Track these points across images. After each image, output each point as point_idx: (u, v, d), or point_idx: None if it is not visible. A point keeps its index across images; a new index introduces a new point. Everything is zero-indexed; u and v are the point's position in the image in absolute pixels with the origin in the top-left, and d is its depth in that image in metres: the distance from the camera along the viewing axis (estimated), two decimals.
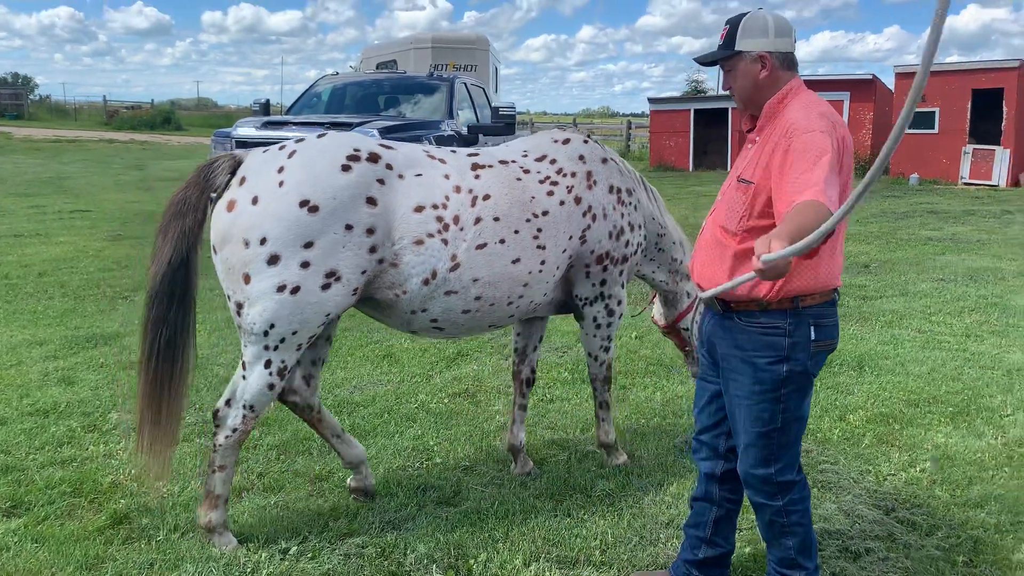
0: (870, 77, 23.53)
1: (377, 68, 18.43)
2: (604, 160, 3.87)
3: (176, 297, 3.26)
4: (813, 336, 2.67)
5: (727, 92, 2.89)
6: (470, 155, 3.63)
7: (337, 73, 11.95)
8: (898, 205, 16.22)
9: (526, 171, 3.65)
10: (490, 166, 3.57)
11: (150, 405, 3.27)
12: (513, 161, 3.68)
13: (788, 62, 2.76)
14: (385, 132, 8.09)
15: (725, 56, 2.78)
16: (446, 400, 5.12)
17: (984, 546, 3.44)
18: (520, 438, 4.13)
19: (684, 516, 3.64)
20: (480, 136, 9.92)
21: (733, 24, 2.78)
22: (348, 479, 3.84)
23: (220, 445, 3.30)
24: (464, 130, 9.87)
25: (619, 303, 3.98)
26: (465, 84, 11.02)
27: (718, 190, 3.01)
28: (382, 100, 10.77)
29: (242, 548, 3.33)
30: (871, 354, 6.07)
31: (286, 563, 3.26)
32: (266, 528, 3.49)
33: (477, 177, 3.48)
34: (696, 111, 27.07)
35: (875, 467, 4.21)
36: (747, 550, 3.42)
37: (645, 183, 4.19)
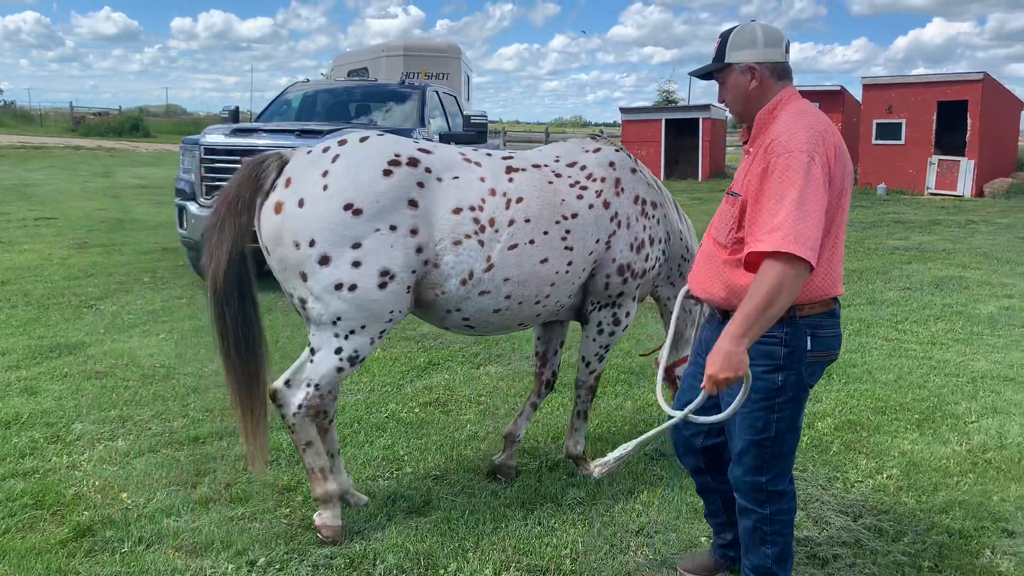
0: (838, 88, 23.90)
1: (348, 76, 18.39)
2: (633, 170, 3.93)
3: (243, 289, 3.34)
4: (810, 346, 2.67)
5: (722, 104, 2.93)
6: (504, 158, 3.74)
7: (308, 80, 11.91)
8: (866, 215, 16.45)
9: (557, 175, 3.74)
10: (523, 169, 3.67)
11: (245, 397, 3.39)
12: (545, 165, 3.77)
13: (779, 72, 2.76)
14: None
15: (717, 68, 2.81)
16: (417, 409, 5.09)
17: (949, 551, 3.48)
18: (521, 431, 4.16)
19: (655, 524, 3.67)
20: (452, 145, 9.88)
21: (724, 37, 2.81)
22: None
23: (293, 424, 3.40)
24: (436, 138, 9.86)
25: (627, 315, 4.01)
26: (437, 92, 11.00)
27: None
28: (353, 108, 10.72)
29: (207, 560, 3.29)
30: (839, 362, 6.13)
31: (253, 575, 3.22)
32: (233, 540, 3.44)
33: (511, 180, 3.58)
34: (667, 121, 27.29)
35: (843, 474, 4.24)
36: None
37: (677, 206, 4.19)
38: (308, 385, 3.36)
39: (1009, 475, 4.26)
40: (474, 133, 10.11)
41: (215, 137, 8.36)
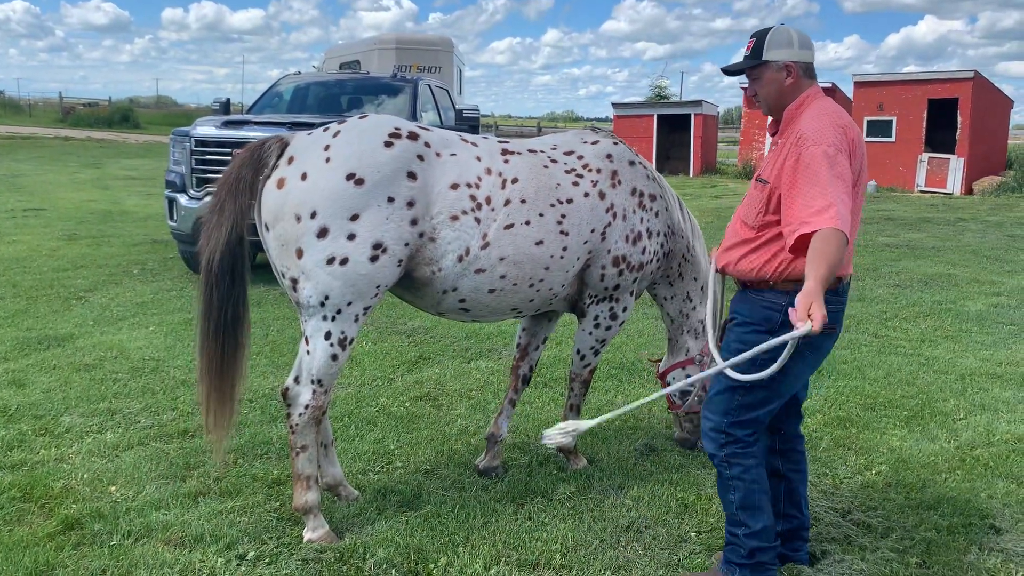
0: (830, 85, 23.93)
1: (340, 68, 18.31)
2: (632, 163, 3.93)
3: (236, 274, 3.33)
4: None
5: (753, 97, 3.13)
6: (500, 142, 3.80)
7: (300, 73, 11.83)
8: None
9: (553, 161, 3.78)
10: (519, 153, 3.72)
11: (217, 383, 3.35)
12: (541, 151, 3.81)
13: (809, 71, 3.02)
14: None
15: (753, 65, 3.02)
16: (407, 404, 5.09)
17: (937, 547, 3.50)
18: (503, 431, 4.15)
19: (644, 519, 3.67)
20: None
21: (760, 36, 3.02)
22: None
23: (296, 424, 3.39)
24: None
25: (624, 310, 4.01)
26: (429, 86, 10.97)
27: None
28: (345, 101, 10.67)
29: (196, 553, 3.28)
30: (829, 358, 6.13)
31: (243, 568, 3.21)
32: (223, 533, 3.43)
33: (506, 161, 3.63)
34: (659, 116, 27.31)
35: (832, 470, 4.26)
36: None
37: (682, 205, 4.20)
38: (313, 382, 3.37)
39: (997, 472, 4.28)
40: (466, 127, 10.10)
41: (206, 129, 8.32)
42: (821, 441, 4.62)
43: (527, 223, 3.56)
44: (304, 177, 3.25)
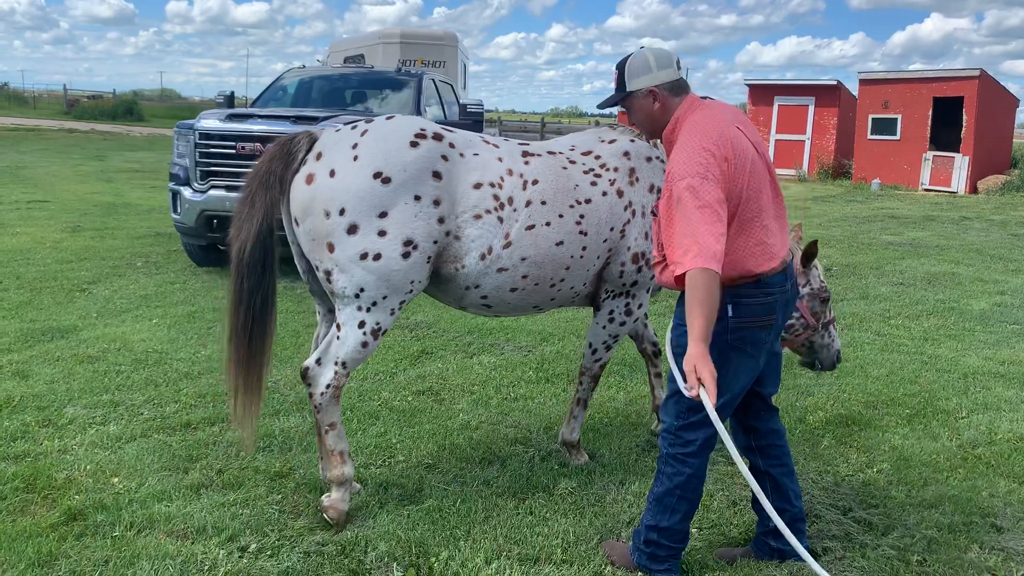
0: (835, 83, 23.86)
1: (345, 62, 18.32)
2: (649, 159, 3.94)
3: (266, 265, 3.44)
4: (731, 313, 2.90)
5: (632, 128, 3.23)
6: (520, 144, 3.87)
7: (304, 66, 11.83)
8: (860, 210, 16.48)
9: (572, 162, 3.82)
10: (538, 155, 3.78)
11: (245, 373, 3.44)
12: (560, 152, 3.86)
13: (676, 88, 3.04)
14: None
15: (621, 98, 3.12)
16: (410, 398, 5.10)
17: (938, 545, 3.50)
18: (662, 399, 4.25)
19: None
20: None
21: (620, 68, 3.10)
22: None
23: (319, 404, 3.50)
24: None
25: (639, 306, 4.04)
26: (433, 80, 10.96)
27: None
28: (349, 95, 10.67)
29: (199, 545, 3.29)
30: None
31: (244, 560, 3.22)
32: (225, 525, 3.44)
33: (527, 163, 3.70)
34: None
35: (833, 468, 4.26)
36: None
37: None
38: (336, 363, 3.46)
39: (998, 471, 4.28)
40: (470, 122, 10.09)
41: (210, 122, 8.32)
42: (823, 439, 4.62)
43: (547, 224, 3.62)
44: (332, 174, 3.34)
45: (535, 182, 3.64)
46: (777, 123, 24.62)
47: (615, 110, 28.94)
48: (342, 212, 3.30)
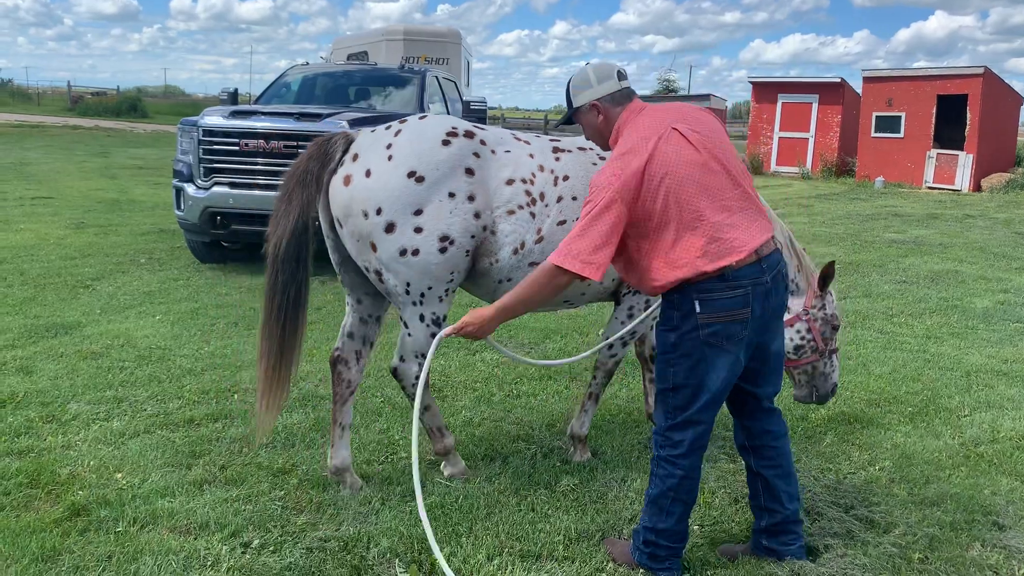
0: (839, 80, 23.82)
1: (348, 59, 18.31)
2: None
3: (301, 260, 3.54)
4: (699, 309, 2.93)
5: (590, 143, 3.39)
6: (551, 140, 3.96)
7: (307, 63, 11.82)
8: (863, 207, 16.45)
9: (602, 158, 3.87)
10: (569, 151, 3.86)
11: (275, 364, 3.54)
12: (591, 149, 3.91)
13: (617, 98, 3.15)
14: (355, 124, 8.03)
15: (570, 115, 3.25)
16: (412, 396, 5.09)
17: (939, 543, 3.50)
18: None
19: None
20: None
21: (567, 86, 3.23)
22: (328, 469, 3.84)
23: (411, 394, 3.75)
24: None
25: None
26: (437, 77, 10.96)
27: None
28: (352, 92, 10.67)
29: (202, 541, 3.30)
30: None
31: (247, 556, 3.23)
32: (227, 521, 3.45)
33: (558, 159, 3.78)
34: None
35: (835, 466, 4.26)
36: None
37: None
38: (418, 356, 3.67)
39: (1001, 469, 4.28)
40: (474, 119, 10.10)
41: (213, 119, 8.32)
42: (825, 437, 4.62)
43: (578, 220, 3.62)
44: (368, 175, 3.47)
45: (566, 178, 3.72)
46: (781, 120, 24.58)
47: None
48: (379, 212, 3.43)
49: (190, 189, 8.34)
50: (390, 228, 3.44)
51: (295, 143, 8.02)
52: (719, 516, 3.71)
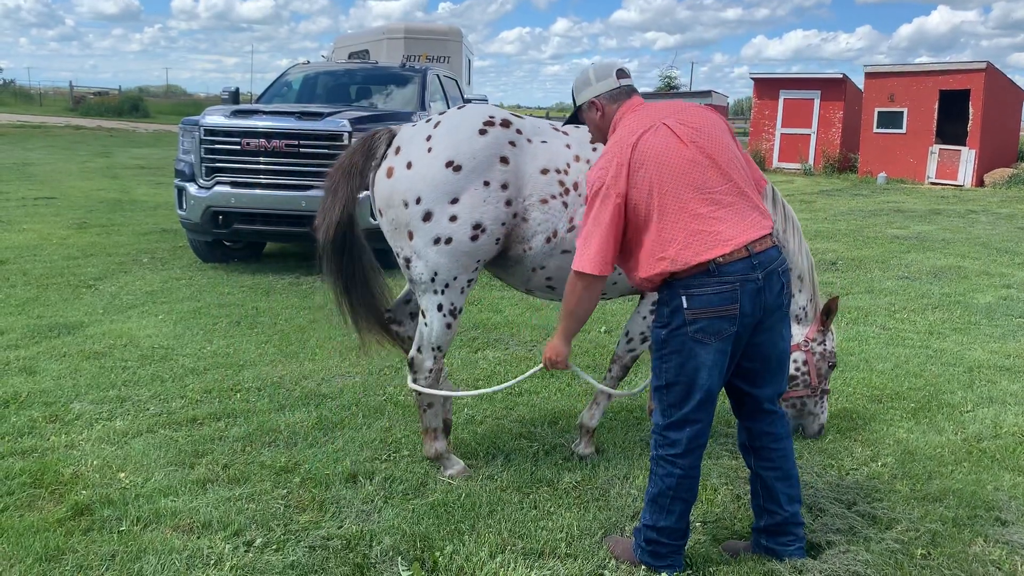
0: (840, 76, 23.78)
1: (349, 58, 18.30)
2: None
3: (347, 245, 3.82)
4: (686, 305, 2.94)
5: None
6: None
7: (309, 62, 11.81)
8: (866, 203, 16.43)
9: None
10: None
11: (365, 321, 4.02)
12: None
13: (615, 95, 3.23)
14: (357, 123, 8.03)
15: (576, 111, 3.36)
16: (414, 393, 5.09)
17: (942, 539, 3.50)
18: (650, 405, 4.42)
19: None
20: None
21: (573, 86, 3.34)
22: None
23: (424, 388, 3.87)
24: None
25: None
26: (438, 76, 10.95)
27: None
28: (354, 90, 10.66)
29: (205, 540, 3.30)
30: (836, 350, 6.14)
31: (250, 555, 3.23)
32: (230, 520, 3.46)
33: (595, 149, 3.83)
34: None
35: (838, 462, 4.26)
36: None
37: (775, 193, 4.21)
38: (433, 349, 3.82)
39: (1003, 464, 4.28)
40: None
41: (215, 118, 8.33)
42: (827, 433, 4.62)
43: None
44: (409, 166, 3.63)
45: None
46: (783, 117, 24.55)
47: None
48: (418, 201, 3.59)
49: (192, 189, 8.34)
50: (427, 217, 3.59)
51: (296, 142, 8.03)
52: (722, 513, 3.71)
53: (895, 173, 21.48)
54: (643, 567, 3.19)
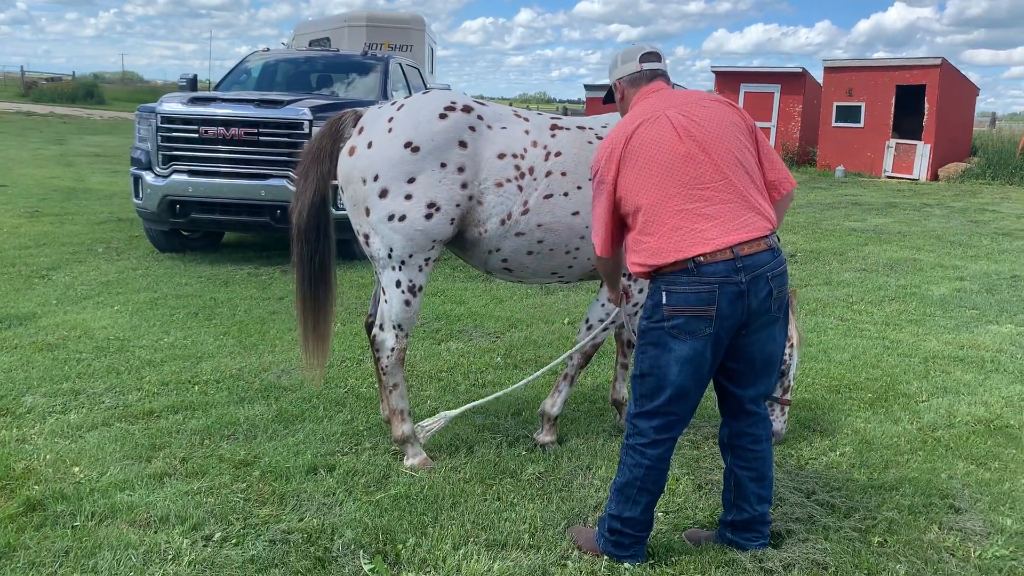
0: (800, 70, 24.04)
1: (310, 45, 18.08)
2: None
3: (320, 230, 3.87)
4: (664, 300, 2.97)
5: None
6: (552, 117, 4.16)
7: (268, 49, 11.63)
8: (824, 196, 16.66)
9: (599, 137, 4.00)
10: (567, 129, 4.03)
11: (312, 322, 3.94)
12: (590, 128, 4.08)
13: (635, 79, 3.32)
14: (318, 111, 7.94)
15: (607, 93, 3.49)
16: (376, 385, 5.06)
17: (898, 527, 3.56)
18: (623, 393, 4.58)
19: None
20: None
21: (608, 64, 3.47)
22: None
23: (386, 366, 3.92)
24: None
25: (640, 291, 4.08)
26: (400, 65, 10.86)
27: None
28: (314, 78, 10.53)
29: (162, 534, 3.25)
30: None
31: (209, 549, 3.18)
32: (188, 514, 3.40)
33: (553, 136, 3.95)
34: None
35: (797, 451, 4.32)
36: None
37: None
38: (394, 327, 3.87)
39: (957, 453, 4.36)
40: None
41: (172, 105, 8.17)
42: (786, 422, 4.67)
43: (565, 194, 3.87)
44: (370, 145, 3.74)
45: (558, 154, 3.88)
46: (744, 110, 24.74)
47: (585, 95, 28.92)
48: (376, 178, 3.69)
49: (148, 177, 8.18)
50: (383, 194, 3.69)
51: (256, 130, 7.91)
52: (683, 503, 3.73)
53: (853, 166, 21.81)
54: (605, 557, 3.20)
